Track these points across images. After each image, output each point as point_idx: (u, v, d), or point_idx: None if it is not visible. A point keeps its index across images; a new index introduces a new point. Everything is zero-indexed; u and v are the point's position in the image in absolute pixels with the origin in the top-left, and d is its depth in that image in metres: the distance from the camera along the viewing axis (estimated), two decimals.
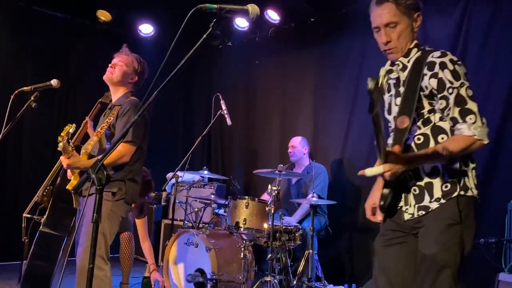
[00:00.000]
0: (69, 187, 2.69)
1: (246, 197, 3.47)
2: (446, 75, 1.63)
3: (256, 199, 3.50)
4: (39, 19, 5.10)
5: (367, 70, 4.43)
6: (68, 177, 2.78)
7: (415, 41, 1.79)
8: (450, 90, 1.62)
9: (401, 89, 1.77)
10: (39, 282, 3.40)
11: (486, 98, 3.57)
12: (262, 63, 5.60)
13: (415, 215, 1.68)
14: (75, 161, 2.50)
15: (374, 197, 1.88)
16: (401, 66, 1.79)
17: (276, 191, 3.41)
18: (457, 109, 1.61)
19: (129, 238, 3.70)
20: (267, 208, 3.40)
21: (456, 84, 1.62)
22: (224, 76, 5.94)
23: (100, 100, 3.29)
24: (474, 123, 1.59)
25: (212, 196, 4.04)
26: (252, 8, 1.63)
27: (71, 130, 2.44)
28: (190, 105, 6.48)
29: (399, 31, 1.73)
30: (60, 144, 2.43)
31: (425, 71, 1.67)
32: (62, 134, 2.42)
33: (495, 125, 3.48)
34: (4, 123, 2.57)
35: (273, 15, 4.91)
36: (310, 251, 3.48)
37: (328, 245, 4.22)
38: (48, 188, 3.43)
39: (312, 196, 3.60)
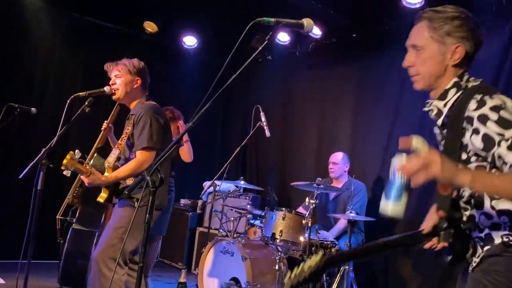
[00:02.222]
0: (99, 199, 2.75)
1: (283, 209, 3.48)
2: (491, 128, 1.32)
3: (293, 211, 3.50)
4: (90, 29, 5.36)
5: (409, 89, 4.38)
6: None
7: (455, 79, 1.49)
8: (502, 143, 1.31)
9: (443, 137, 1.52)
10: (76, 278, 3.54)
11: None
12: (302, 77, 5.65)
13: (476, 262, 1.49)
14: (95, 178, 2.59)
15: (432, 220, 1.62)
16: (435, 110, 1.52)
17: (313, 205, 3.40)
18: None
19: (156, 242, 3.76)
20: (303, 221, 3.40)
21: (507, 134, 1.30)
22: (262, 88, 6.02)
23: (119, 102, 3.22)
24: None
25: (248, 206, 4.07)
26: (308, 22, 1.68)
27: (76, 156, 2.51)
28: (227, 116, 6.59)
29: (424, 58, 1.49)
30: (65, 172, 2.53)
31: (465, 125, 1.39)
32: (64, 162, 2.47)
33: None
34: (60, 126, 2.69)
35: (315, 30, 4.96)
36: (346, 267, 3.44)
37: (363, 263, 4.16)
38: (77, 190, 3.58)
39: (350, 213, 3.57)
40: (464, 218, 1.52)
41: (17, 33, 4.91)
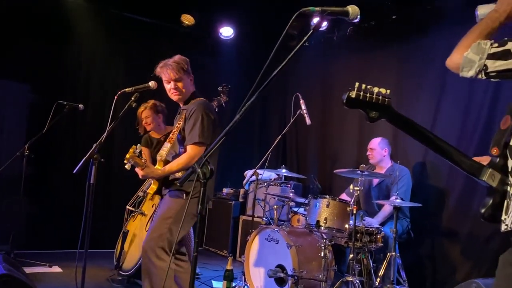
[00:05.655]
0: (149, 191, 2.90)
1: (327, 196, 3.47)
2: None
3: (337, 198, 3.49)
4: (129, 24, 5.48)
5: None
6: None
7: None
8: None
9: None
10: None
11: None
12: (340, 63, 5.56)
13: (510, 226, 1.40)
14: (149, 171, 2.73)
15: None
16: None
17: (358, 192, 3.38)
18: None
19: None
20: (348, 208, 3.39)
21: None
22: (300, 76, 5.97)
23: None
24: None
25: (291, 194, 4.09)
26: (353, 9, 1.65)
27: (137, 150, 2.65)
28: (266, 105, 6.59)
29: None
30: (127, 166, 2.65)
31: None
32: (127, 156, 2.61)
33: None
34: (109, 121, 2.78)
35: None
36: (393, 253, 3.41)
37: (409, 249, 4.10)
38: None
39: (396, 198, 3.52)
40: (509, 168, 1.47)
41: (60, 33, 5.09)
